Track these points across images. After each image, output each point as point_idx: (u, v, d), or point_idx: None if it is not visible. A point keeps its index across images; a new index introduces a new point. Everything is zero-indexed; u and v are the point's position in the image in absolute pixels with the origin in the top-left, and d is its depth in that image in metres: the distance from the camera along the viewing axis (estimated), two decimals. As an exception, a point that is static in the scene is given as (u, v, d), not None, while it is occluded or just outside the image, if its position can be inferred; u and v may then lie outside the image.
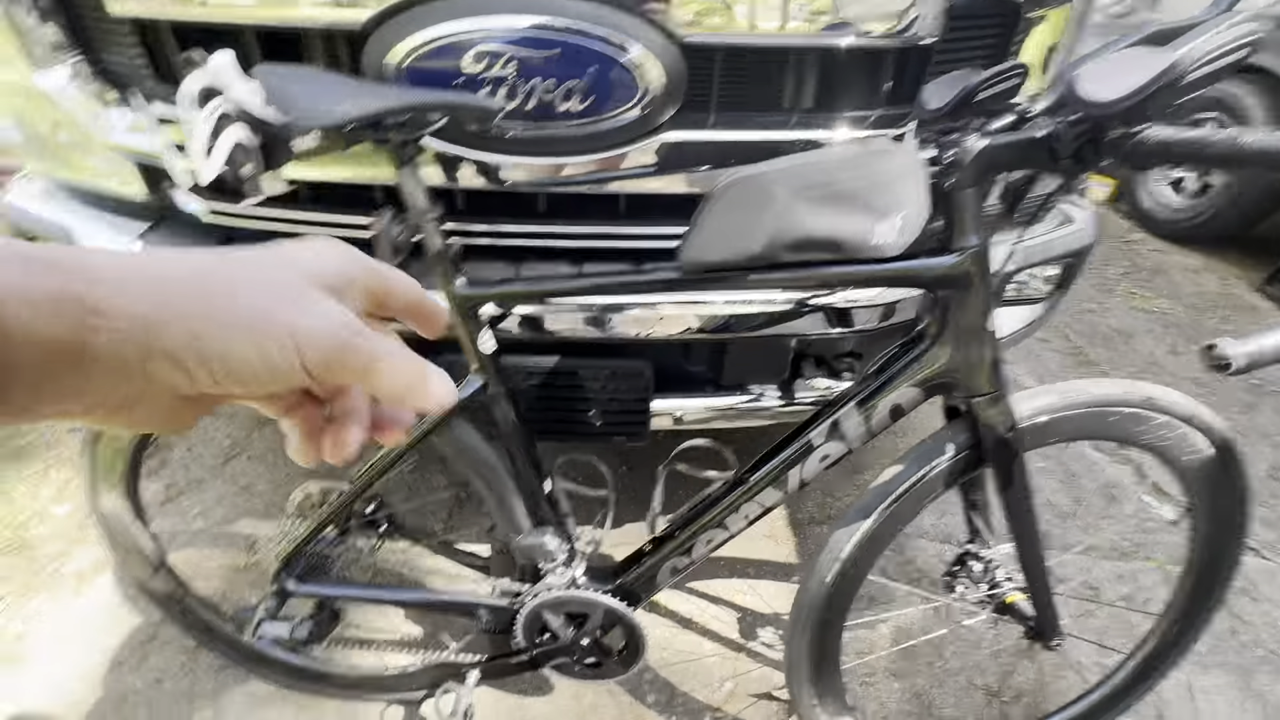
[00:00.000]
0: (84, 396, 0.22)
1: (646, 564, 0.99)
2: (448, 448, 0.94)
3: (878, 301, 1.03)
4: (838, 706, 1.02)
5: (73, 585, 1.45)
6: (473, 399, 0.88)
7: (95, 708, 1.23)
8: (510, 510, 0.98)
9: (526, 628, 1.03)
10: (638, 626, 1.01)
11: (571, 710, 1.27)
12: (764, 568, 1.56)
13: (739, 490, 0.92)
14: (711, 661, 1.36)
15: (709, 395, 1.15)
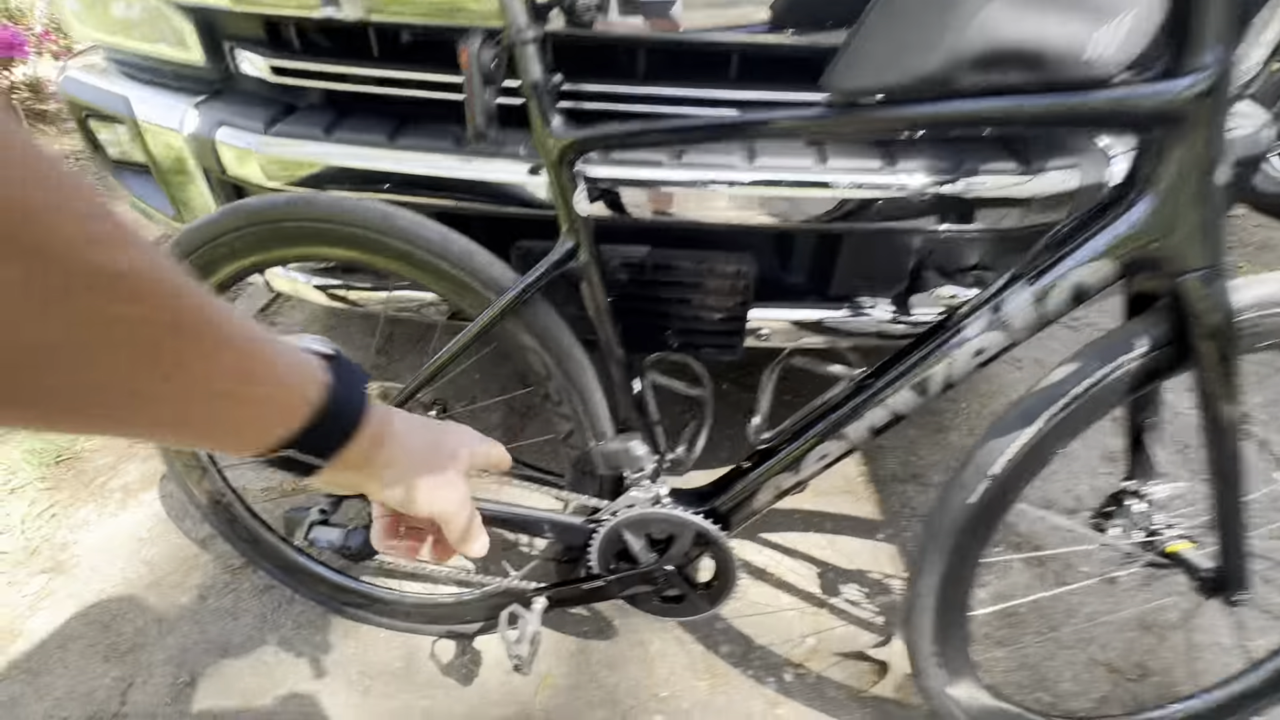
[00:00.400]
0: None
1: (745, 482, 0.86)
2: (523, 333, 0.82)
3: (1033, 192, 0.87)
4: (960, 663, 0.88)
5: (119, 499, 1.40)
6: (558, 267, 0.76)
7: (137, 620, 1.17)
8: (592, 410, 0.86)
9: (602, 550, 0.91)
10: (731, 555, 0.88)
11: (636, 656, 1.15)
12: (843, 523, 1.42)
13: (865, 394, 0.78)
14: (789, 615, 1.23)
15: (813, 306, 1.01)
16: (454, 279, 0.80)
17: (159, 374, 0.25)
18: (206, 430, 0.30)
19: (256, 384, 0.30)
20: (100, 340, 0.22)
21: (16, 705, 1.05)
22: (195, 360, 0.26)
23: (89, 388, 0.23)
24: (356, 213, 0.78)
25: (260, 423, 0.31)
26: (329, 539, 0.91)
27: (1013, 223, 0.90)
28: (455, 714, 1.06)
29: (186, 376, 0.26)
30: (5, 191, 0.18)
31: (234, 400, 0.29)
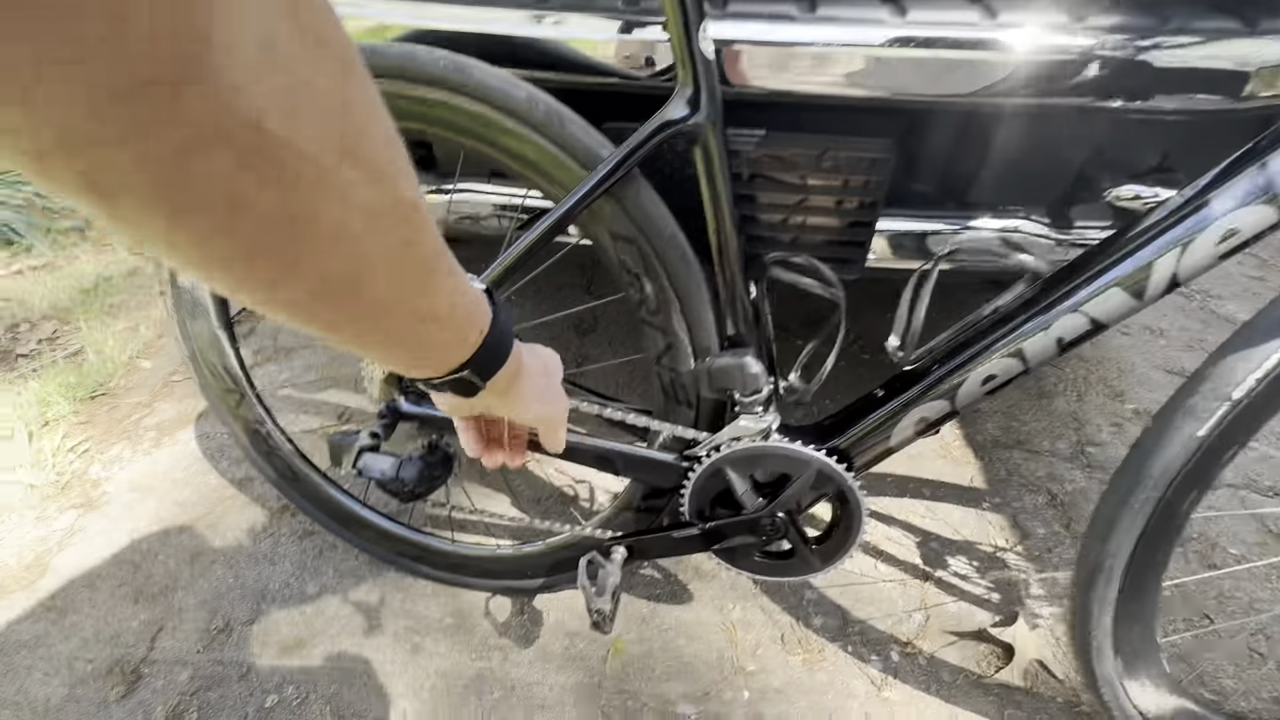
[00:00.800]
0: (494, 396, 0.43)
1: (878, 414, 0.71)
2: (619, 219, 0.67)
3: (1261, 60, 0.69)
4: (1143, 650, 0.71)
5: (154, 437, 1.31)
6: (669, 128, 0.61)
7: (169, 561, 1.08)
8: (697, 319, 0.71)
9: (697, 492, 0.77)
10: (859, 502, 0.73)
11: (715, 624, 1.01)
12: (941, 489, 1.25)
13: (1053, 297, 0.61)
14: (891, 588, 1.07)
15: (949, 217, 0.84)
16: (539, 150, 0.65)
17: (420, 290, 0.29)
18: (421, 344, 0.34)
19: (460, 310, 0.34)
20: (396, 257, 0.27)
21: (41, 644, 0.96)
22: (442, 282, 0.31)
23: (379, 299, 0.27)
24: (427, 64, 0.64)
25: (454, 345, 0.36)
26: (380, 469, 0.78)
27: (1227, 100, 0.71)
28: (512, 679, 0.93)
29: (433, 296, 0.31)
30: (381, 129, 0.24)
31: (444, 322, 0.34)
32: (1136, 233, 0.60)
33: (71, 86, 0.15)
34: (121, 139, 0.16)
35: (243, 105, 0.17)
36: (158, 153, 0.17)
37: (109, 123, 0.16)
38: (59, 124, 0.15)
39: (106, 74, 0.15)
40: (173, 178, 0.18)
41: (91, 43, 0.14)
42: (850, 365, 1.52)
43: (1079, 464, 1.31)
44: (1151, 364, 1.61)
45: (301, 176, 0.20)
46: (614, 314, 1.66)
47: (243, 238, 0.21)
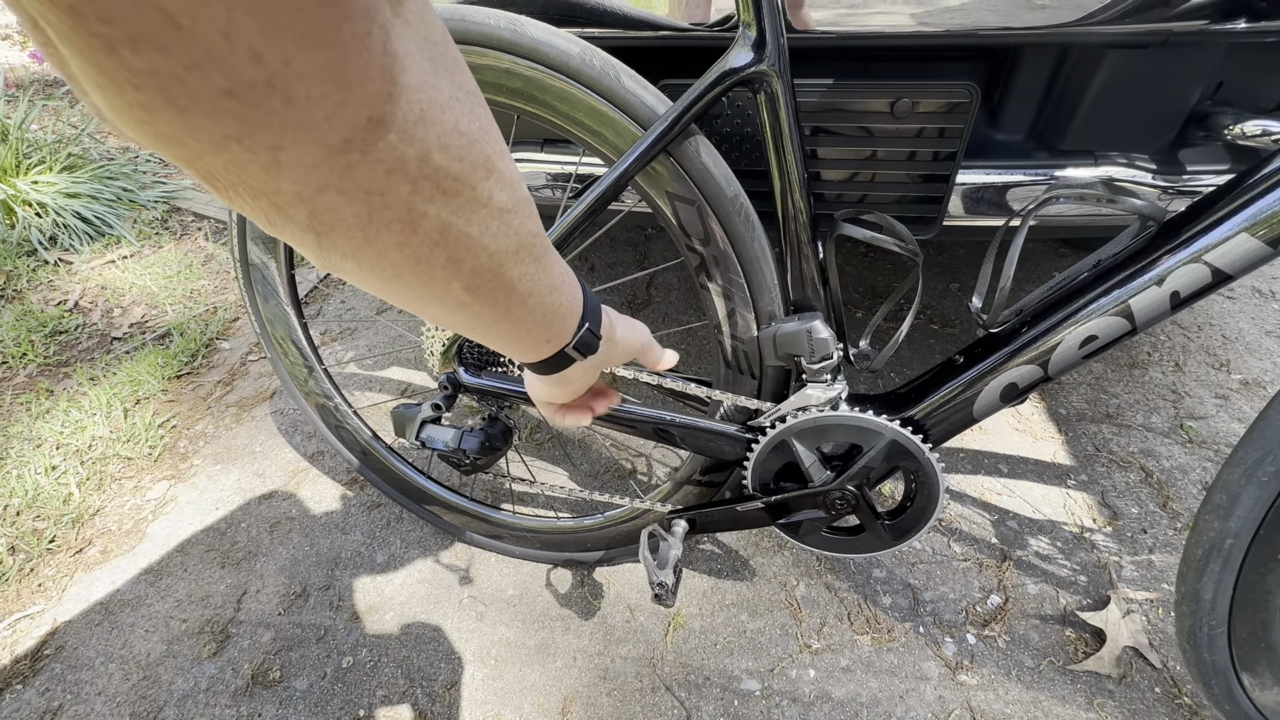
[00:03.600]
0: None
1: (958, 381, 0.66)
2: (677, 178, 0.64)
3: None
4: (1277, 667, 0.64)
5: (234, 414, 1.38)
6: (731, 77, 0.57)
7: (251, 529, 1.13)
8: (760, 282, 0.68)
9: (762, 465, 0.74)
10: (936, 476, 0.68)
11: (778, 601, 0.99)
12: (1020, 466, 1.18)
13: (1168, 245, 0.55)
14: (966, 568, 1.02)
15: (1038, 167, 0.77)
16: (594, 109, 0.63)
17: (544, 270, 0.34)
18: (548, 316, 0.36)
19: (566, 275, 0.37)
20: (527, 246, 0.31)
21: (142, 604, 1.03)
22: (552, 255, 0.34)
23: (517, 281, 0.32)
24: (477, 24, 0.62)
25: (571, 307, 0.38)
26: (443, 440, 0.79)
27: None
28: (574, 650, 0.94)
29: (549, 269, 0.34)
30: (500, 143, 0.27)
31: (561, 289, 0.36)
32: (1270, 172, 0.53)
33: (305, 151, 0.19)
34: (335, 183, 0.21)
35: (416, 148, 0.22)
36: (358, 188, 0.22)
37: (326, 173, 0.21)
38: (295, 180, 0.20)
39: (326, 138, 0.19)
40: (366, 207, 0.23)
41: (319, 119, 0.19)
42: (920, 338, 1.44)
43: (1177, 439, 1.21)
44: (1262, 330, 1.46)
45: (457, 193, 0.25)
46: (668, 287, 1.63)
47: (415, 249, 0.25)
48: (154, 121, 0.17)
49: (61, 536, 1.13)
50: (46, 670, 0.95)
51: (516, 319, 0.34)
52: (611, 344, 0.45)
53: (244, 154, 0.19)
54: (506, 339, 0.35)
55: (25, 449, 1.27)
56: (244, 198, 0.21)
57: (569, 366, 0.42)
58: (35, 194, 1.89)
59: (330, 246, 0.24)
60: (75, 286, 1.75)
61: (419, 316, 0.31)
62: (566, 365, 0.41)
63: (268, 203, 0.21)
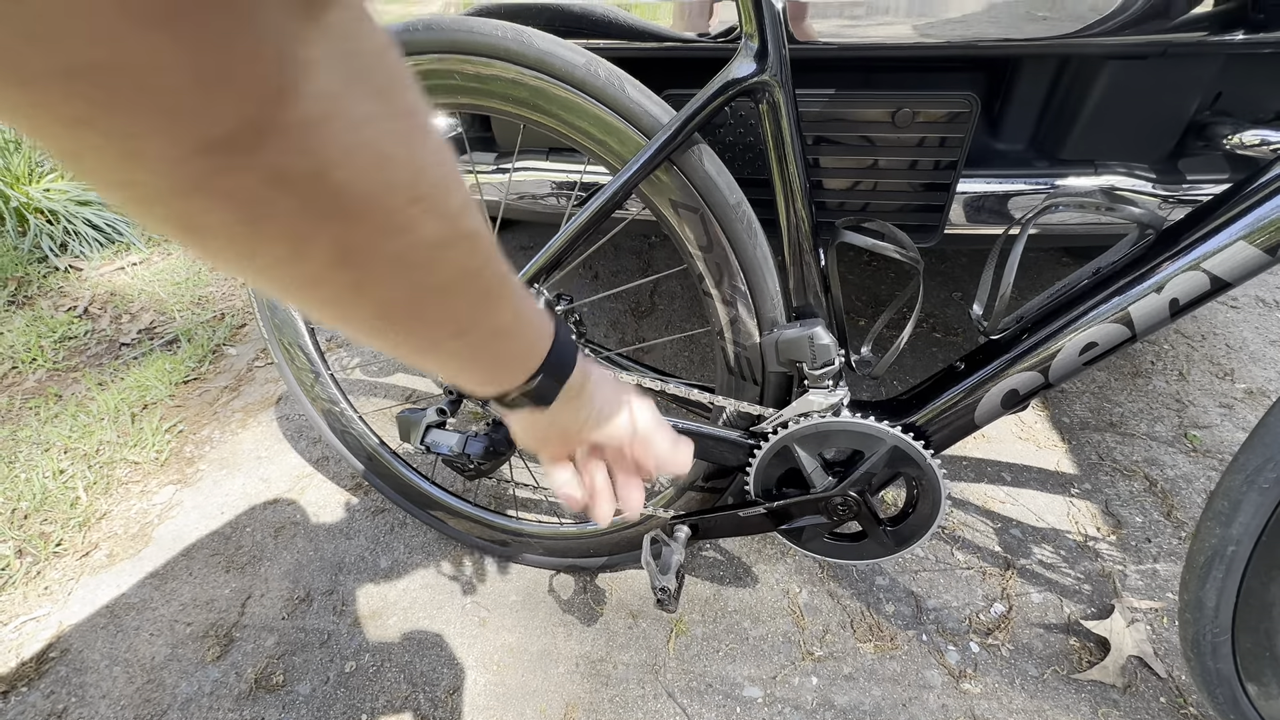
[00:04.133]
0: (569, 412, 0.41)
1: (959, 388, 0.66)
2: (679, 187, 0.65)
3: None
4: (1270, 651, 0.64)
5: (240, 419, 1.39)
6: (733, 88, 0.58)
7: (256, 534, 1.14)
8: (762, 289, 0.68)
9: (763, 471, 0.75)
10: (938, 482, 0.68)
11: (780, 608, 0.98)
12: (1025, 474, 1.18)
13: (1168, 253, 0.55)
14: (968, 576, 1.01)
15: (1038, 176, 0.78)
16: (599, 118, 0.64)
17: (484, 312, 0.32)
18: (488, 359, 0.35)
19: (523, 318, 0.35)
20: (459, 283, 0.29)
21: (147, 607, 1.04)
22: (503, 302, 0.32)
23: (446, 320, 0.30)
24: (485, 36, 0.63)
25: (525, 354, 0.37)
26: (447, 445, 0.79)
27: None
28: (576, 656, 0.94)
29: (497, 313, 0.32)
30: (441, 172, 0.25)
31: (511, 336, 0.35)
32: (1267, 180, 0.53)
33: (164, 144, 0.18)
34: (204, 186, 0.19)
35: (309, 160, 0.20)
36: (230, 195, 0.20)
37: (191, 172, 0.19)
38: (154, 174, 0.19)
39: (189, 134, 0.18)
40: (246, 215, 0.21)
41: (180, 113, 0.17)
42: (923, 346, 1.44)
43: (1181, 448, 1.20)
44: (1266, 339, 1.46)
45: (364, 216, 0.23)
46: (672, 295, 1.64)
47: (310, 266, 0.24)
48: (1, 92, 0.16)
49: (68, 540, 1.14)
50: (51, 673, 0.95)
51: (447, 353, 0.32)
52: (582, 405, 0.41)
53: (98, 139, 0.17)
54: (438, 367, 0.34)
55: (34, 453, 1.28)
56: (109, 187, 0.19)
57: (518, 409, 0.39)
58: (47, 201, 1.91)
59: (213, 250, 0.22)
60: (85, 293, 1.77)
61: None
62: (517, 407, 0.39)
63: (128, 195, 0.20)
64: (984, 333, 0.64)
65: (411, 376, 1.48)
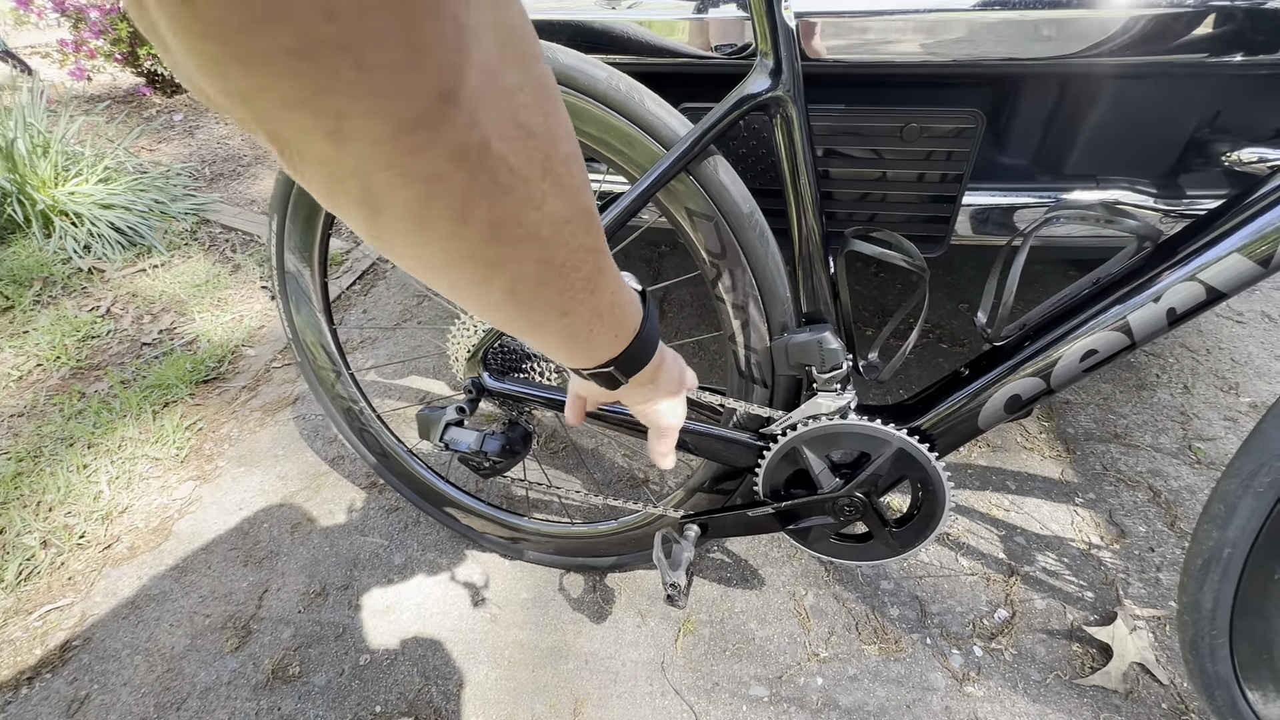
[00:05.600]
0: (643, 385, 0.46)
1: (964, 393, 0.68)
2: (695, 196, 0.68)
3: None
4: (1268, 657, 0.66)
5: (258, 418, 1.42)
6: (748, 102, 0.61)
7: (273, 530, 1.17)
8: (773, 295, 0.71)
9: (772, 472, 0.77)
10: (942, 485, 0.70)
11: (787, 610, 1.00)
12: (1028, 483, 1.19)
13: (1165, 264, 0.58)
14: (973, 581, 1.03)
15: (1042, 190, 0.80)
16: (618, 131, 0.67)
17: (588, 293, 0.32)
18: (580, 340, 0.36)
19: (618, 308, 0.37)
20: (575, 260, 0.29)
21: (167, 599, 1.06)
22: (607, 282, 0.34)
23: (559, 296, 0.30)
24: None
25: (608, 341, 0.38)
26: (465, 442, 0.82)
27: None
28: (585, 653, 0.96)
29: (599, 294, 0.34)
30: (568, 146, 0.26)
31: (604, 320, 0.36)
32: (1262, 195, 0.55)
33: (372, 123, 0.19)
34: (400, 164, 0.20)
35: (477, 132, 0.21)
36: (421, 172, 0.21)
37: (391, 151, 0.20)
38: (357, 155, 0.20)
39: (397, 112, 0.19)
40: (426, 191, 0.22)
41: (390, 90, 0.18)
42: (929, 355, 1.46)
43: (1185, 460, 1.22)
44: (1271, 354, 1.47)
45: (511, 189, 0.24)
46: (681, 303, 1.67)
47: (464, 241, 0.24)
48: (223, 76, 0.17)
49: (91, 532, 1.16)
50: (75, 660, 0.98)
51: (549, 330, 0.33)
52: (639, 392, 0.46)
53: (309, 119, 0.18)
54: (535, 341, 0.35)
55: (58, 447, 1.32)
56: (305, 166, 0.20)
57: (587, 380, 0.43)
58: (72, 205, 1.96)
59: (383, 226, 0.23)
60: (107, 294, 1.81)
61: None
62: (586, 380, 0.43)
63: (328, 173, 0.20)
64: (988, 339, 0.66)
65: (425, 379, 1.51)
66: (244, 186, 2.41)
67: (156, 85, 3.01)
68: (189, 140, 2.71)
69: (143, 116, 2.84)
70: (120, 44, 2.78)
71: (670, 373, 0.48)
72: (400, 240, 0.24)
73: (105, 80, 3.20)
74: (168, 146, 2.65)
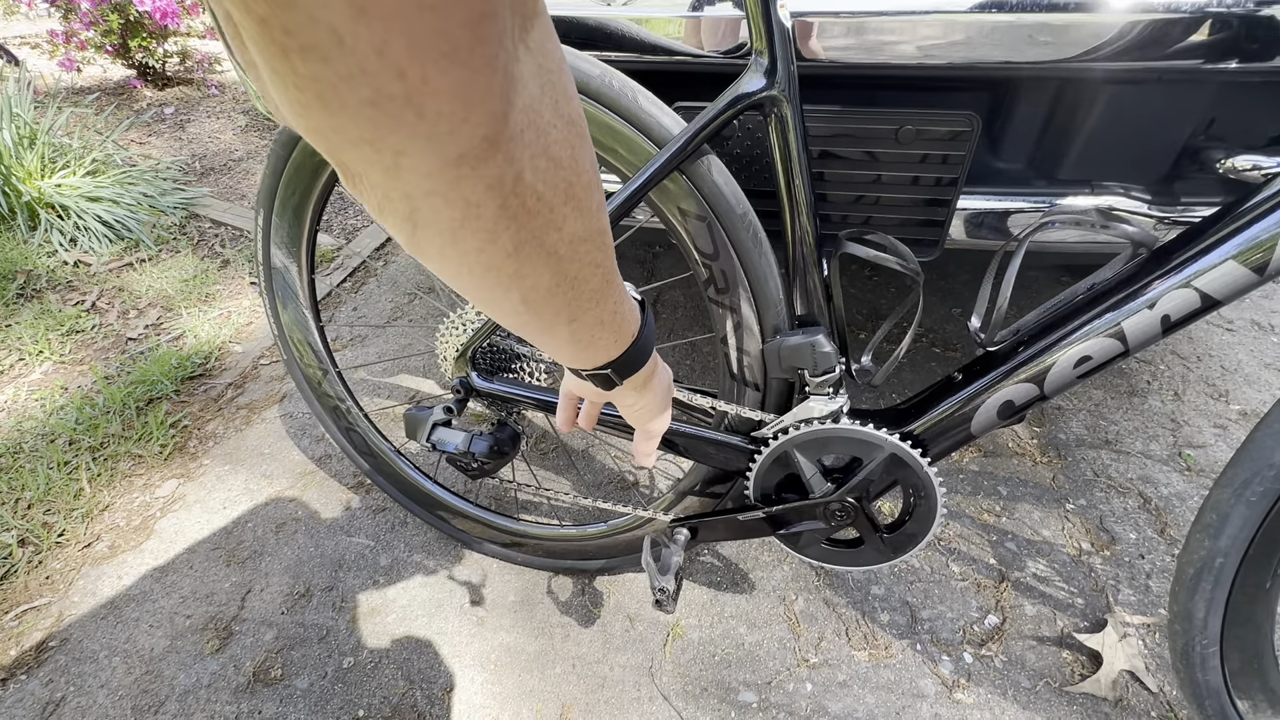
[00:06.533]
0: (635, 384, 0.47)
1: (957, 398, 0.68)
2: (688, 196, 0.67)
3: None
4: (1270, 688, 0.65)
5: (244, 415, 1.40)
6: (743, 100, 0.60)
7: (257, 526, 1.15)
8: (766, 297, 0.70)
9: (763, 476, 0.76)
10: (935, 490, 0.70)
11: (777, 615, 0.99)
12: (1020, 488, 1.19)
13: (1159, 271, 0.57)
14: (964, 588, 1.02)
15: (1037, 195, 0.80)
16: (610, 129, 0.66)
17: (595, 302, 0.35)
18: (583, 344, 0.38)
19: (620, 315, 0.39)
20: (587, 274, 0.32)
21: (147, 599, 1.04)
22: (612, 292, 0.36)
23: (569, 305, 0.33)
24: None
25: (608, 346, 0.41)
26: (453, 443, 0.81)
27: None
28: (573, 657, 0.95)
29: (605, 303, 0.36)
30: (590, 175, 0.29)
31: (606, 327, 0.38)
32: (1257, 202, 0.55)
33: (424, 160, 0.22)
34: (442, 191, 0.23)
35: (514, 167, 0.24)
36: (460, 198, 0.24)
37: (437, 181, 0.23)
38: (408, 182, 0.23)
39: (445, 151, 0.22)
40: (462, 214, 0.25)
41: (442, 133, 0.21)
42: (922, 360, 1.46)
43: (1176, 467, 1.22)
44: (1260, 362, 1.48)
45: (537, 214, 0.27)
46: (674, 304, 1.66)
47: (491, 257, 0.27)
48: (307, 116, 0.20)
49: (71, 531, 1.14)
50: (51, 661, 0.96)
51: (556, 335, 0.36)
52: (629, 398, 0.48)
53: (372, 154, 0.21)
54: (538, 341, 0.37)
55: (39, 444, 1.29)
56: (363, 187, 0.24)
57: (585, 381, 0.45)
58: (59, 197, 1.93)
59: (421, 239, 0.26)
60: (93, 288, 1.78)
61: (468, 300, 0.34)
62: (582, 379, 0.45)
63: (381, 195, 0.24)
64: (981, 345, 0.66)
65: (415, 377, 1.50)
66: (235, 181, 2.38)
67: (148, 78, 2.98)
68: (180, 134, 2.68)
69: (133, 109, 2.81)
70: (111, 35, 2.74)
71: (661, 379, 0.50)
72: (433, 251, 0.27)
73: (95, 72, 3.16)
74: (158, 140, 2.61)
